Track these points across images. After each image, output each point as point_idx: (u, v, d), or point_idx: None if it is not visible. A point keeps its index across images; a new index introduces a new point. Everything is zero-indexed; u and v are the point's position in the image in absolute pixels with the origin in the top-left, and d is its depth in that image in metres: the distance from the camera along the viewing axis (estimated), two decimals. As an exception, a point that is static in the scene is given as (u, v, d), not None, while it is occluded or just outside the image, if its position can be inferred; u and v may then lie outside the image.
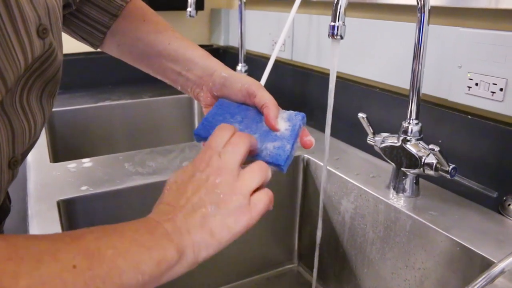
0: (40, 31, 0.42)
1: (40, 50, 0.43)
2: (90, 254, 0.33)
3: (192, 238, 0.38)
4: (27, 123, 0.45)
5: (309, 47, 1.09)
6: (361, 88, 0.93)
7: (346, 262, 0.82)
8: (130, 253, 0.35)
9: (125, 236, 0.36)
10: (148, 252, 0.35)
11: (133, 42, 0.62)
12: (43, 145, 0.94)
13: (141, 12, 0.63)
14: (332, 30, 0.56)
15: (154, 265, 0.35)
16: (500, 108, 0.67)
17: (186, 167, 0.43)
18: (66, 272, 0.31)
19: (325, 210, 0.85)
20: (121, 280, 0.33)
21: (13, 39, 0.39)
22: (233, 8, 1.51)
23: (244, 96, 0.52)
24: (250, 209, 0.41)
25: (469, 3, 0.69)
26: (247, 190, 0.41)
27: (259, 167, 0.43)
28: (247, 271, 0.94)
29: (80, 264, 0.32)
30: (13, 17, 0.38)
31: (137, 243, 0.36)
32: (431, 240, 0.64)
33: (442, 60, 0.74)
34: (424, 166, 0.66)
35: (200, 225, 0.38)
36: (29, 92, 0.45)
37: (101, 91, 1.41)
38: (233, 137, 0.43)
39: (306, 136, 0.50)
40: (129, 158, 0.87)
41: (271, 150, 0.47)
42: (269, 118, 0.48)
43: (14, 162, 0.46)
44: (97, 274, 0.32)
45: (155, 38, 0.60)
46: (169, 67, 0.59)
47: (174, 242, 0.37)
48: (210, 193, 0.40)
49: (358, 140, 0.91)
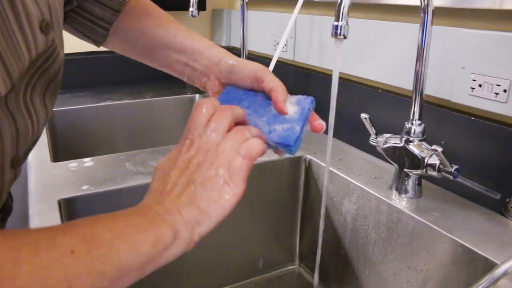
0: (43, 26, 0.42)
1: (43, 45, 0.43)
2: (87, 239, 0.33)
3: (183, 216, 0.39)
4: (31, 121, 0.45)
5: (311, 47, 1.09)
6: (364, 89, 0.92)
7: (347, 263, 0.82)
8: (125, 235, 0.35)
9: (118, 220, 0.37)
10: (143, 232, 0.36)
11: (137, 36, 0.62)
12: (44, 144, 0.94)
13: (144, 7, 0.63)
14: (335, 30, 0.56)
15: (150, 245, 0.36)
16: (503, 109, 0.66)
17: (171, 154, 0.44)
18: (65, 257, 0.31)
19: (327, 211, 0.85)
20: (120, 261, 0.34)
21: (17, 34, 0.39)
22: (234, 8, 1.51)
23: (252, 82, 0.52)
24: (232, 180, 0.41)
25: (472, 4, 0.69)
26: (226, 161, 0.41)
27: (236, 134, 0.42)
28: (248, 271, 0.94)
29: (78, 249, 0.32)
30: (17, 12, 0.38)
31: (131, 225, 0.36)
32: (434, 242, 0.63)
33: (445, 61, 0.74)
34: (427, 167, 0.66)
35: (188, 203, 0.39)
36: (33, 90, 0.45)
37: (102, 91, 1.41)
38: (214, 113, 0.43)
39: (316, 120, 0.49)
40: (130, 157, 0.86)
41: (280, 132, 0.46)
42: (277, 101, 0.48)
43: (16, 161, 0.46)
44: (96, 257, 0.33)
45: (160, 31, 0.60)
46: (175, 58, 0.59)
47: (166, 222, 0.38)
48: (193, 174, 0.40)
49: (361, 140, 0.91)
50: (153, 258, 0.36)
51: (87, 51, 1.37)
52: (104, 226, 0.35)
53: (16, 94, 0.43)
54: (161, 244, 0.37)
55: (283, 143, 0.45)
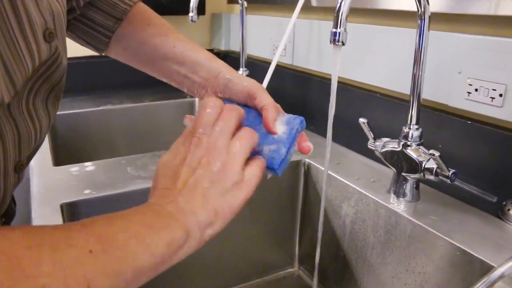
0: (47, 35, 0.43)
1: (47, 53, 0.44)
2: (103, 239, 0.33)
3: (197, 217, 0.39)
4: (33, 127, 0.46)
5: (310, 52, 1.10)
6: (362, 93, 0.93)
7: (346, 266, 0.82)
8: (140, 235, 0.35)
9: (133, 219, 0.36)
10: (158, 233, 0.36)
11: (138, 45, 0.62)
12: (46, 148, 0.94)
13: (145, 16, 0.64)
14: (334, 37, 0.57)
15: (165, 246, 0.36)
16: (499, 113, 0.67)
17: (176, 150, 0.43)
18: (83, 258, 0.31)
19: (326, 214, 0.86)
20: (135, 262, 0.34)
21: (21, 42, 0.39)
22: (234, 12, 1.52)
23: (245, 98, 0.52)
24: (244, 184, 0.41)
25: (469, 10, 0.70)
26: (239, 166, 0.41)
27: (246, 134, 0.43)
28: (248, 274, 0.94)
29: (95, 249, 0.32)
30: (21, 21, 0.39)
31: (146, 225, 0.36)
32: (431, 245, 0.64)
33: (442, 65, 0.75)
34: (424, 171, 0.67)
35: (202, 205, 0.39)
36: (36, 96, 0.46)
37: (102, 95, 1.41)
38: (221, 113, 0.43)
39: (304, 142, 0.50)
40: (131, 162, 0.87)
41: (267, 154, 0.46)
42: (267, 120, 0.48)
43: (20, 165, 0.46)
44: (113, 258, 0.33)
45: (160, 41, 0.61)
46: (175, 70, 0.60)
47: (180, 222, 0.38)
48: (205, 174, 0.40)
49: (359, 145, 0.92)
50: (167, 258, 0.36)
51: (88, 55, 1.38)
52: (119, 226, 0.35)
53: (19, 100, 0.43)
54: (175, 244, 0.37)
55: (268, 167, 0.45)
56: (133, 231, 0.35)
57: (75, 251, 0.31)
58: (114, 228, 0.35)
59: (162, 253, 0.36)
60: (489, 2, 0.66)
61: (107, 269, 0.32)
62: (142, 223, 0.36)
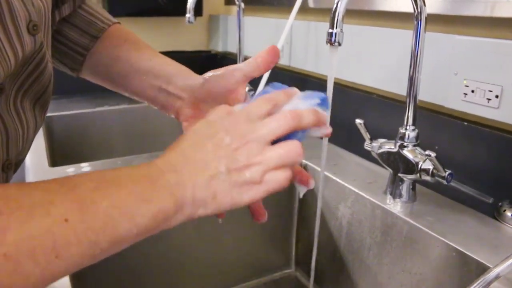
0: (31, 27, 0.42)
1: (31, 46, 0.42)
2: (84, 207, 0.32)
3: (195, 194, 0.37)
4: (21, 126, 0.46)
5: (307, 53, 1.10)
6: (359, 95, 0.93)
7: (343, 267, 0.82)
8: (126, 205, 0.34)
9: (123, 187, 0.35)
10: (146, 204, 0.35)
11: (111, 62, 0.60)
12: (42, 149, 0.94)
13: (122, 33, 0.62)
14: (330, 37, 0.57)
15: (150, 218, 0.35)
16: (495, 114, 0.67)
17: (214, 122, 0.41)
18: (57, 226, 0.31)
19: (323, 215, 0.86)
20: (115, 232, 0.33)
21: (1, 35, 0.38)
22: (231, 14, 1.52)
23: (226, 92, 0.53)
24: (260, 185, 0.39)
25: (465, 11, 0.70)
26: (265, 167, 0.39)
27: (290, 148, 0.40)
28: (244, 275, 0.94)
29: (72, 217, 0.31)
30: (1, 13, 0.38)
31: (135, 195, 0.35)
32: (428, 245, 0.64)
33: (439, 67, 0.75)
34: (420, 172, 0.67)
35: (206, 185, 0.38)
36: (24, 97, 0.46)
37: (99, 96, 1.41)
38: (277, 114, 0.41)
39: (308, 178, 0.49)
40: (127, 162, 0.87)
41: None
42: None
43: (8, 164, 0.46)
44: (90, 227, 0.32)
45: (135, 56, 0.59)
46: (150, 83, 0.58)
47: (174, 195, 0.37)
48: (227, 157, 0.38)
49: (355, 146, 0.92)
50: (150, 229, 0.35)
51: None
52: (105, 192, 0.34)
53: (7, 97, 0.43)
54: (162, 216, 0.36)
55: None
56: (120, 200, 0.34)
57: (49, 220, 0.30)
58: (99, 195, 0.33)
59: (147, 225, 0.35)
60: (485, 3, 0.66)
61: (81, 238, 0.31)
62: (131, 192, 0.35)
